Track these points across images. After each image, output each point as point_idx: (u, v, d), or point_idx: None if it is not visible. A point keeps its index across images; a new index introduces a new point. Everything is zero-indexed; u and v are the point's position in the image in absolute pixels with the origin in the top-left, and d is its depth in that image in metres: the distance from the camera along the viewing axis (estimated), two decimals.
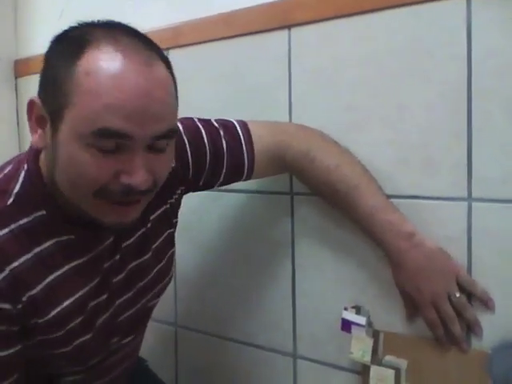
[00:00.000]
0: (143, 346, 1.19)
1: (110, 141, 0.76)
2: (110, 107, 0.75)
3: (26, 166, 0.86)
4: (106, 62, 0.75)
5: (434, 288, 0.98)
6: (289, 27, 1.18)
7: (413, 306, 1.03)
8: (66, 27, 0.83)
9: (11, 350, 0.83)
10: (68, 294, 0.87)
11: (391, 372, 1.03)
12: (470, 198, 0.98)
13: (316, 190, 1.13)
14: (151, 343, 1.37)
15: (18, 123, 1.92)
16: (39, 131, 0.81)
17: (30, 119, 0.82)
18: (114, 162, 0.77)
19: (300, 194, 1.21)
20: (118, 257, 0.94)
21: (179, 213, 1.11)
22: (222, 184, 1.12)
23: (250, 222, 1.31)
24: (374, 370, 1.05)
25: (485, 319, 0.98)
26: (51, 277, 0.85)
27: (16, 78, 1.90)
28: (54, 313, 0.86)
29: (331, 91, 1.14)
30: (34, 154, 0.87)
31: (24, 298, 0.82)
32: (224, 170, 1.07)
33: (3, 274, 0.80)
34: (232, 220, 1.34)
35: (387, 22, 1.05)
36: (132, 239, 0.97)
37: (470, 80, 0.97)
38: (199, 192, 1.14)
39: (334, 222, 1.15)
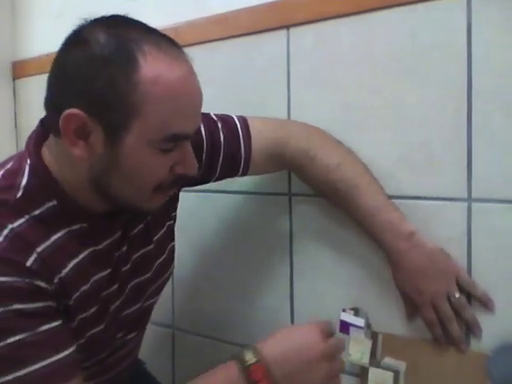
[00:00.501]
0: (141, 348, 1.18)
1: (174, 142, 0.82)
2: (179, 113, 0.80)
3: (28, 161, 0.86)
4: (166, 69, 0.78)
5: (434, 288, 0.98)
6: (287, 27, 1.18)
7: (412, 306, 1.02)
8: (71, 28, 0.82)
9: (61, 321, 0.83)
10: (85, 281, 0.88)
11: (390, 374, 1.02)
12: (469, 198, 0.98)
13: (316, 189, 1.12)
14: (148, 346, 1.35)
15: (15, 125, 1.91)
16: (81, 143, 0.80)
17: (66, 132, 0.79)
18: (170, 157, 0.83)
19: (298, 194, 1.20)
20: (125, 247, 0.95)
21: (177, 209, 1.11)
22: (218, 179, 1.11)
23: (247, 223, 1.30)
24: (373, 372, 1.05)
25: (484, 321, 0.97)
26: (70, 264, 0.86)
27: (14, 79, 1.89)
28: (74, 296, 0.86)
29: (330, 91, 1.13)
30: (34, 150, 0.87)
31: (55, 280, 0.83)
32: (220, 163, 1.07)
33: (33, 257, 0.80)
34: (230, 221, 1.34)
35: (386, 21, 1.05)
36: (136, 230, 0.98)
37: (470, 80, 0.96)
38: (196, 193, 1.13)
39: (332, 223, 1.15)
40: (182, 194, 1.11)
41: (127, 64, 0.77)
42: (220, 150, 1.06)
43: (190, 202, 1.18)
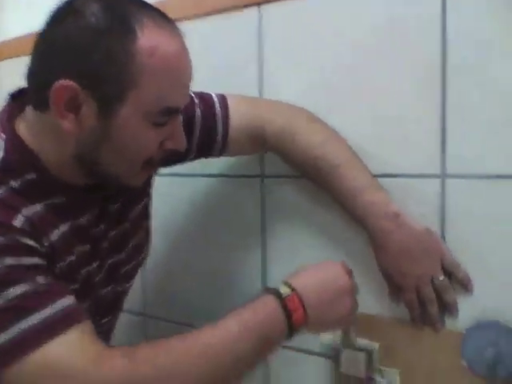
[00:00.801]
0: (113, 338, 1.15)
1: (168, 116, 0.83)
2: (174, 86, 0.81)
3: (3, 136, 0.84)
4: (163, 42, 0.79)
5: (418, 271, 0.95)
6: (258, 4, 1.15)
7: (396, 288, 0.99)
8: (42, 12, 0.80)
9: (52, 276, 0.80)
10: (70, 252, 0.86)
11: (363, 355, 1.01)
12: (443, 174, 0.96)
13: (298, 169, 1.09)
14: (120, 334, 1.32)
15: None
16: (70, 116, 0.79)
17: (56, 104, 0.78)
18: (161, 132, 0.84)
19: (271, 176, 1.18)
20: (103, 225, 0.94)
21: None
22: (195, 157, 1.09)
23: (219, 207, 1.28)
24: (346, 354, 1.03)
25: (459, 299, 0.96)
26: (56, 232, 0.84)
27: None
28: (61, 265, 0.84)
29: (303, 69, 1.11)
30: (8, 124, 0.86)
31: (45, 243, 0.81)
32: (196, 141, 1.04)
33: (20, 218, 0.79)
34: (202, 205, 1.31)
35: None
36: (113, 207, 0.96)
37: (445, 55, 0.95)
38: (167, 177, 1.11)
39: (307, 205, 1.13)
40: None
41: (125, 35, 0.76)
42: (196, 127, 1.03)
43: (161, 185, 1.15)
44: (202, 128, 1.04)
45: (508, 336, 0.89)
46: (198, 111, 1.04)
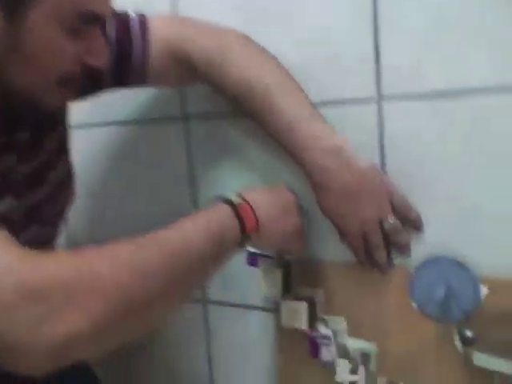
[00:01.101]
0: None
1: (86, 25, 0.75)
2: None
3: None
4: None
5: (364, 215, 0.84)
6: None
7: (341, 232, 0.89)
8: None
9: None
10: None
11: (304, 304, 0.91)
12: (380, 97, 0.86)
13: (228, 95, 0.94)
14: None
15: None
16: None
17: None
18: (78, 44, 0.75)
19: (193, 116, 1.06)
20: (12, 154, 0.82)
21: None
22: (113, 85, 0.96)
23: (143, 155, 1.16)
24: (286, 304, 0.94)
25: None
26: None
27: None
28: None
29: None
30: None
31: None
32: (110, 63, 0.90)
33: None
34: (121, 155, 1.19)
35: None
36: (24, 135, 0.84)
37: None
38: (83, 130, 1.02)
39: (235, 145, 1.03)
40: None
41: None
42: (110, 47, 0.88)
43: (78, 141, 1.03)
44: (117, 49, 0.91)
45: (458, 270, 0.81)
46: (112, 29, 0.90)
